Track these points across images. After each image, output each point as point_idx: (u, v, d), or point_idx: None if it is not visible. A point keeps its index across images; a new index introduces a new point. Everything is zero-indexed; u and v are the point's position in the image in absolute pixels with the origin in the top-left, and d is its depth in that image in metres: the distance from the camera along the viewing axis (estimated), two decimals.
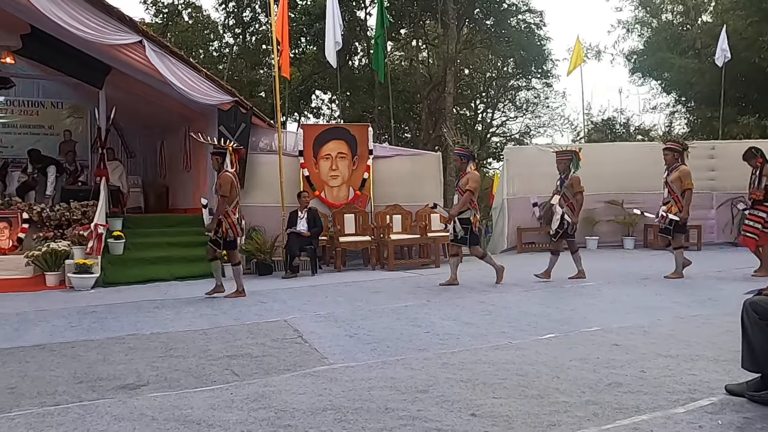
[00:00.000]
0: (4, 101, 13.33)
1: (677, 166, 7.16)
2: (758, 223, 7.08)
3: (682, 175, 7.05)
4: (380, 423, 2.71)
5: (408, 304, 5.89)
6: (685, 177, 7.04)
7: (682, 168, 7.11)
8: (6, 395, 3.21)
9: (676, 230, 7.11)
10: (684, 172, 7.07)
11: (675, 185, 7.11)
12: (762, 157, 7.22)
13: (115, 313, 5.75)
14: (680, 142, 7.61)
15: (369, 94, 21.96)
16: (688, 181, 7.03)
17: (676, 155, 7.21)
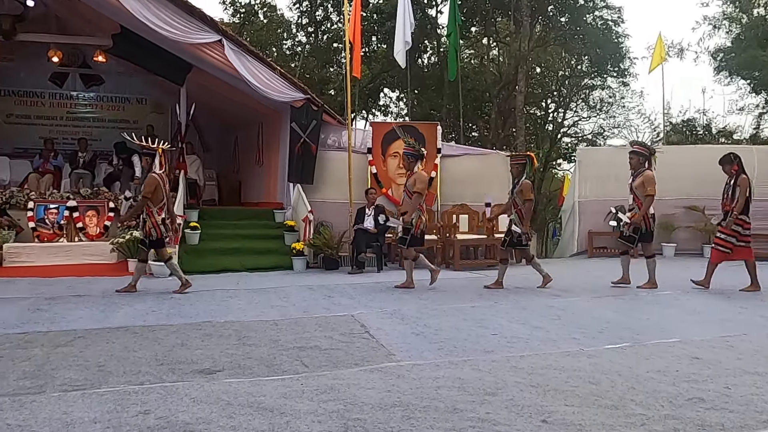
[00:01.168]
0: (95, 97, 14.23)
1: (642, 171, 6.82)
2: (732, 237, 6.62)
3: (646, 181, 6.72)
4: (449, 423, 2.70)
5: (475, 305, 5.83)
6: (648, 183, 6.70)
7: (646, 173, 6.78)
8: (96, 372, 3.43)
9: (643, 239, 6.83)
10: (648, 177, 6.74)
11: (639, 191, 6.77)
12: (739, 165, 6.73)
13: (192, 301, 6.02)
14: (647, 146, 7.21)
15: (437, 93, 21.85)
16: (651, 187, 6.68)
17: (641, 159, 6.89)
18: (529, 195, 6.88)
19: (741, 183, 6.61)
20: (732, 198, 6.67)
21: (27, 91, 13.75)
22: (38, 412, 2.78)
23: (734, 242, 6.65)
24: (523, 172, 6.98)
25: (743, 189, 6.59)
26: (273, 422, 2.68)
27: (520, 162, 7.09)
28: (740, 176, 6.66)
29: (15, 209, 9.42)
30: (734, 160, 6.74)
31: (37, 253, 8.79)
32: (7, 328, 4.62)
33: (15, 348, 3.98)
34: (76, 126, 14.01)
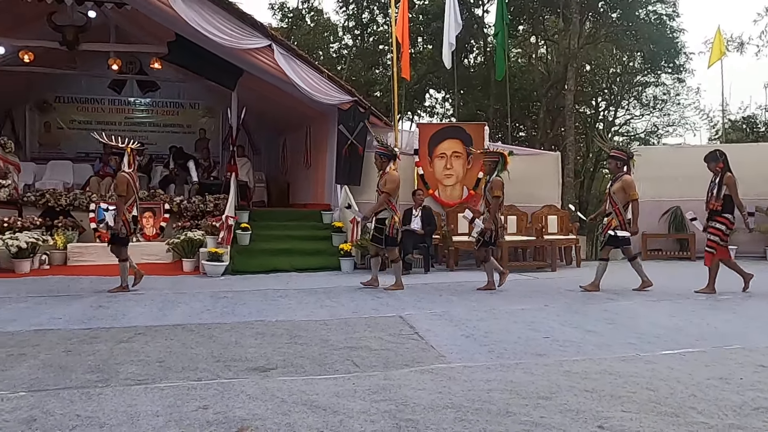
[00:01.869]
0: (150, 103, 14.79)
1: (621, 176, 6.75)
2: (716, 236, 6.52)
3: (626, 185, 6.66)
4: (502, 426, 2.68)
5: (524, 308, 5.75)
6: (628, 187, 6.65)
7: (625, 178, 6.71)
8: (156, 368, 3.57)
9: (622, 243, 6.77)
10: (627, 182, 6.68)
11: (617, 196, 6.72)
12: (724, 162, 6.56)
13: (244, 300, 6.17)
14: (625, 150, 7.06)
15: (484, 93, 21.64)
16: (632, 191, 6.64)
17: (619, 164, 6.82)
18: (498, 192, 6.83)
19: (727, 181, 6.47)
20: (717, 196, 6.52)
21: (88, 98, 14.43)
22: (105, 404, 2.91)
23: (718, 242, 6.54)
24: (495, 169, 6.94)
25: (732, 187, 6.45)
26: (327, 420, 2.72)
27: (492, 159, 7.04)
28: (725, 174, 6.51)
29: (78, 211, 9.90)
30: (720, 157, 6.60)
31: (98, 252, 9.19)
32: (73, 323, 4.86)
33: (81, 343, 4.18)
34: (133, 131, 14.55)
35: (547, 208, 10.48)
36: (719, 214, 6.53)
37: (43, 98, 14.03)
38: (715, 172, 6.62)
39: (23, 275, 8.05)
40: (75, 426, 2.62)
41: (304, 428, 2.62)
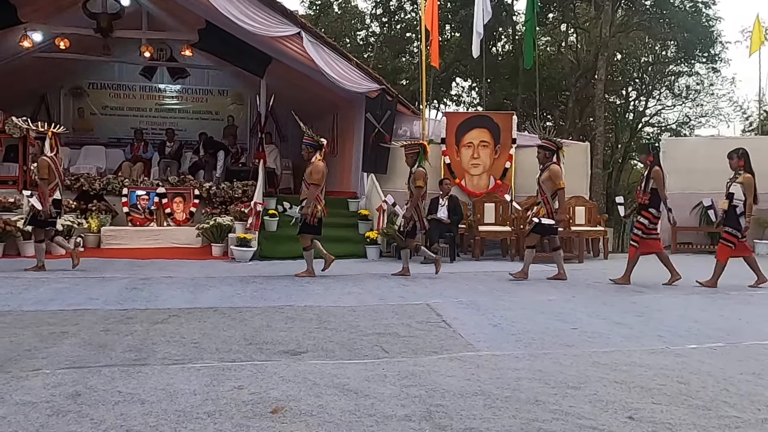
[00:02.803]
0: (180, 89, 14.99)
1: (548, 166, 6.83)
2: (639, 230, 6.60)
3: (553, 175, 6.74)
4: (531, 414, 2.70)
5: (551, 299, 5.74)
6: (555, 177, 6.73)
7: (552, 167, 6.79)
8: (191, 348, 3.67)
9: (549, 232, 6.92)
10: (554, 171, 6.76)
11: (546, 185, 6.82)
12: (654, 155, 6.60)
13: (272, 285, 6.27)
14: (555, 140, 7.10)
15: (511, 82, 21.43)
16: (559, 180, 6.72)
17: (548, 154, 6.90)
18: (420, 183, 6.87)
19: (654, 175, 6.46)
20: (644, 190, 6.53)
21: (120, 84, 14.71)
22: (144, 381, 3.01)
23: (641, 235, 6.57)
24: (417, 161, 6.99)
25: (658, 181, 6.45)
26: (358, 403, 2.78)
27: (413, 151, 7.07)
28: (653, 168, 6.49)
29: (111, 195, 10.14)
30: (651, 151, 6.65)
31: (130, 236, 9.43)
32: (110, 304, 5.01)
33: (118, 323, 4.32)
34: (164, 117, 14.83)
35: (575, 199, 10.36)
36: (646, 208, 6.53)
37: (77, 84, 14.34)
38: (645, 165, 6.65)
39: (59, 257, 8.28)
40: (117, 402, 2.73)
41: (336, 410, 2.68)
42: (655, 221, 6.57)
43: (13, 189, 9.07)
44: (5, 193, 8.88)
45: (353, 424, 2.54)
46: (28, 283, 5.97)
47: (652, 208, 6.50)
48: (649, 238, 6.59)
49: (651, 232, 6.57)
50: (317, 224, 6.87)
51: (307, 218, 6.77)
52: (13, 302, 4.98)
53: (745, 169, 6.44)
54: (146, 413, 2.60)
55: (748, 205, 6.37)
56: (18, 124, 8.49)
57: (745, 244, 6.60)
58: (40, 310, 4.71)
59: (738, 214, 6.42)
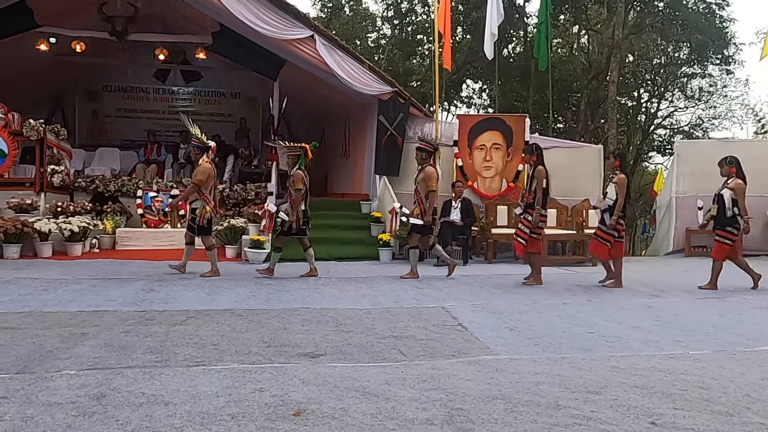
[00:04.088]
0: (193, 92, 15.09)
1: (424, 167, 6.94)
2: (527, 228, 6.74)
3: (427, 176, 6.86)
4: (552, 418, 2.70)
5: (567, 302, 5.72)
6: (429, 178, 6.84)
7: (427, 169, 6.90)
8: (211, 350, 3.70)
9: (420, 231, 7.00)
10: (428, 173, 6.87)
11: (420, 186, 6.95)
12: (538, 156, 6.71)
13: (287, 287, 6.30)
14: (431, 142, 7.22)
15: (522, 84, 21.38)
16: (432, 182, 6.83)
17: (425, 155, 7.01)
18: (299, 185, 6.96)
19: (537, 175, 6.62)
20: (529, 190, 6.72)
21: (134, 86, 14.82)
22: (167, 383, 3.05)
23: (528, 233, 6.71)
24: (297, 163, 7.10)
25: (539, 180, 6.58)
26: (379, 407, 2.79)
27: (294, 153, 7.17)
28: (537, 168, 6.64)
29: (125, 197, 10.21)
30: (535, 151, 6.76)
31: (144, 237, 9.50)
32: (128, 305, 5.06)
33: (138, 324, 4.36)
34: (177, 119, 14.84)
35: (588, 201, 10.33)
36: (532, 206, 6.70)
37: (92, 87, 14.47)
38: (530, 164, 6.77)
39: (75, 258, 8.38)
40: (142, 403, 2.76)
41: (358, 413, 2.70)
42: (542, 219, 6.72)
43: (29, 191, 9.16)
44: (22, 195, 8.98)
45: (375, 427, 2.56)
46: (47, 284, 6.03)
47: (539, 208, 6.66)
48: (537, 238, 6.77)
49: (538, 231, 6.74)
50: (206, 225, 7.03)
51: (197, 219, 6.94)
52: (33, 303, 5.05)
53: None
54: (170, 415, 2.62)
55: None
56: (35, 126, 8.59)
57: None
58: (60, 311, 4.77)
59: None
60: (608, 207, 6.66)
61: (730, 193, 6.58)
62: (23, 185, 9.33)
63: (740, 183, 6.59)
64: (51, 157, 9.54)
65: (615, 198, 6.59)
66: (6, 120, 9.13)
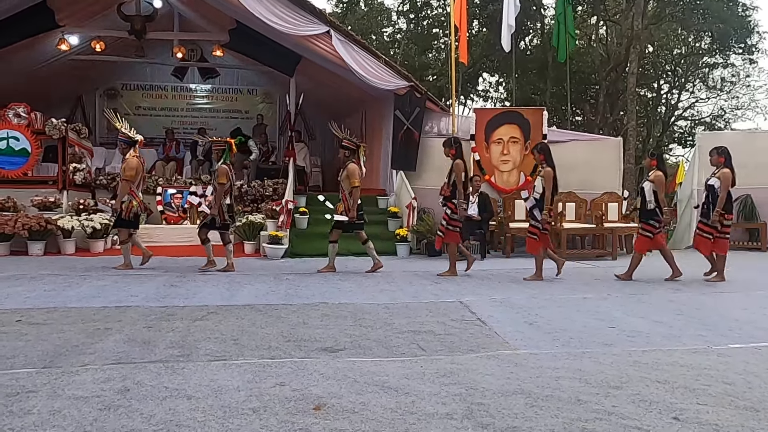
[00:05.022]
0: (210, 89, 15.21)
1: (347, 165, 7.10)
2: (444, 221, 6.91)
3: (350, 174, 7.01)
4: (574, 413, 2.69)
5: (587, 296, 5.68)
6: (352, 175, 7.00)
7: (350, 166, 7.06)
8: (232, 345, 3.74)
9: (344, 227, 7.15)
10: (351, 170, 7.03)
11: (344, 183, 7.08)
12: (457, 149, 6.83)
13: (306, 282, 6.34)
14: (353, 140, 7.41)
15: (540, 76, 21.19)
16: (354, 179, 6.98)
17: (347, 153, 7.17)
18: (222, 179, 6.97)
19: (455, 168, 6.78)
20: (447, 183, 6.87)
21: (152, 84, 14.99)
22: (189, 377, 3.09)
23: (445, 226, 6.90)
24: (221, 157, 7.13)
25: (458, 174, 6.74)
26: (399, 401, 2.80)
27: (219, 148, 7.27)
28: (455, 161, 6.80)
29: (146, 194, 10.30)
30: (453, 144, 6.87)
31: (165, 234, 9.62)
32: (150, 301, 5.13)
33: (159, 320, 4.42)
34: (195, 116, 15.08)
35: (607, 195, 10.23)
36: (449, 199, 6.85)
37: (112, 86, 14.67)
38: (452, 157, 6.87)
39: (97, 254, 8.52)
40: (165, 397, 2.80)
41: (378, 408, 2.71)
42: (456, 211, 6.84)
43: (53, 189, 9.32)
44: (46, 193, 9.14)
45: (395, 421, 2.56)
46: (70, 281, 6.15)
47: (455, 200, 6.77)
48: (453, 230, 6.91)
49: (455, 223, 6.88)
50: (133, 219, 7.11)
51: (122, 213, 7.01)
52: (58, 299, 5.14)
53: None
54: (193, 408, 2.66)
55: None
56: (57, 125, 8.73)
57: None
58: (84, 306, 4.85)
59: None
60: (536, 201, 6.76)
61: (651, 185, 6.69)
62: (46, 183, 9.50)
63: (459, 163, 6.71)
64: (73, 155, 9.69)
65: (542, 191, 6.69)
66: (29, 119, 9.30)
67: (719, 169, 6.73)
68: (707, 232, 6.72)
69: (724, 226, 6.66)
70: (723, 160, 6.75)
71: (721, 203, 6.60)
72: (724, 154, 6.80)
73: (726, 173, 6.65)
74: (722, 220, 6.64)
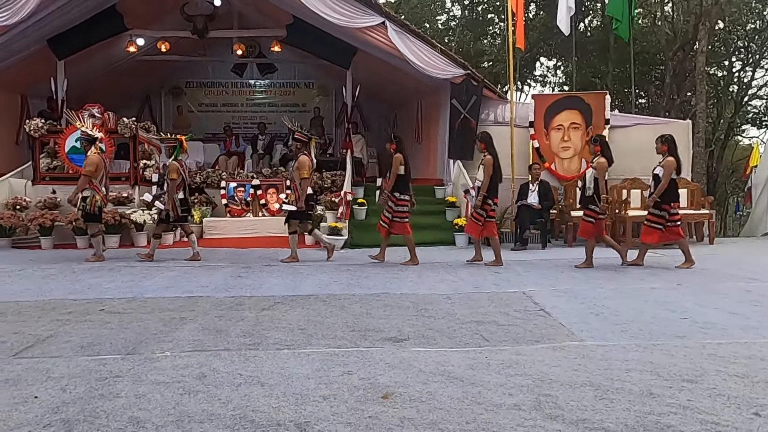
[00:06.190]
0: (269, 84, 15.54)
1: (298, 156, 7.34)
2: (389, 213, 7.08)
3: (300, 165, 7.21)
4: (646, 407, 2.63)
5: (655, 287, 5.50)
6: (302, 167, 7.19)
7: (300, 158, 7.27)
8: (299, 334, 3.86)
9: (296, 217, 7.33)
10: (301, 162, 7.22)
11: (294, 174, 7.30)
12: (397, 143, 7.13)
13: (366, 273, 6.43)
14: (305, 133, 7.68)
15: (600, 59, 20.45)
16: (304, 170, 7.17)
17: (299, 145, 7.42)
18: (173, 175, 7.31)
19: (394, 162, 6.99)
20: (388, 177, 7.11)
21: (214, 82, 15.47)
22: (261, 365, 3.21)
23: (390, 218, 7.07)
24: (172, 154, 7.51)
25: (395, 167, 6.96)
26: (466, 391, 2.82)
27: (170, 145, 7.60)
28: (395, 155, 6.99)
29: (210, 188, 10.72)
30: (393, 139, 7.13)
31: (229, 226, 9.95)
32: (219, 291, 5.35)
33: (229, 309, 4.60)
34: (254, 111, 15.46)
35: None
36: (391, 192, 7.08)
37: (176, 84, 15.24)
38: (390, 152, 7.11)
39: (168, 247, 8.91)
40: (240, 383, 2.93)
41: (445, 397, 2.74)
42: (401, 203, 7.02)
43: (125, 185, 9.80)
44: (119, 189, 9.62)
45: (463, 411, 2.59)
46: (145, 272, 6.48)
47: (396, 192, 7.00)
48: (400, 221, 7.08)
49: (399, 215, 7.07)
50: (98, 212, 7.41)
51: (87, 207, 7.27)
52: (135, 290, 5.44)
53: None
54: (267, 395, 2.77)
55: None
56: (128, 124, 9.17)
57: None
58: (159, 297, 5.11)
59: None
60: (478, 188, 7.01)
61: (593, 172, 6.78)
62: (119, 180, 9.99)
63: (672, 161, 6.61)
64: (143, 152, 10.15)
65: (482, 178, 6.94)
66: (102, 119, 9.79)
67: (664, 159, 6.71)
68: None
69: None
70: (666, 148, 6.77)
71: (661, 191, 6.61)
72: (668, 142, 6.82)
73: (671, 161, 6.63)
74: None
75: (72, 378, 3.00)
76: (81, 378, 3.00)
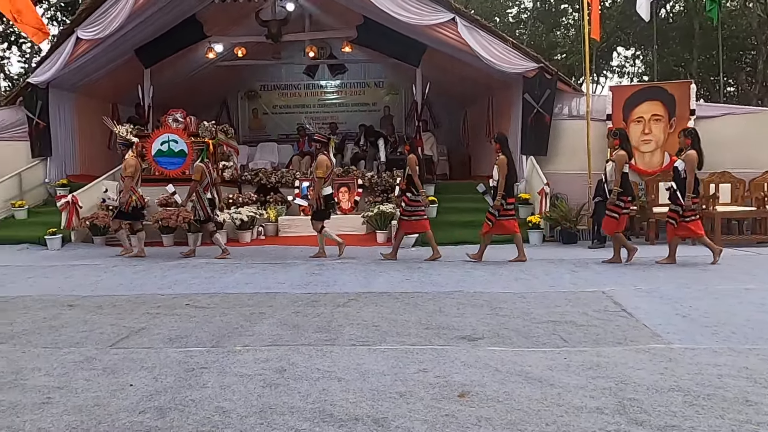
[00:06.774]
0: (339, 84, 15.80)
1: (317, 156, 7.67)
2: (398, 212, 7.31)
3: (318, 165, 7.51)
4: (742, 415, 2.47)
5: (749, 287, 5.15)
6: (318, 166, 7.48)
7: (319, 158, 7.57)
8: (373, 331, 3.91)
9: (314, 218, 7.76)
10: (319, 161, 7.53)
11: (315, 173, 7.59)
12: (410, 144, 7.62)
13: (438, 271, 6.41)
14: (324, 135, 8.07)
15: (684, 46, 19.35)
16: (319, 170, 7.46)
17: (318, 146, 7.82)
18: (197, 176, 7.70)
19: (409, 163, 7.25)
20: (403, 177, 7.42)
21: (287, 84, 15.93)
22: (337, 360, 3.28)
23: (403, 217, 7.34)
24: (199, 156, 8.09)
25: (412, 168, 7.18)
26: (544, 392, 2.76)
27: (198, 147, 8.22)
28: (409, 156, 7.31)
29: (285, 187, 11.04)
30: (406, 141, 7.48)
31: (303, 224, 10.17)
32: (296, 288, 5.50)
33: (306, 305, 4.72)
34: (326, 112, 15.78)
35: None
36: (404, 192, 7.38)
37: (251, 88, 15.82)
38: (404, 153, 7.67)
39: (245, 245, 9.26)
40: (318, 378, 3.00)
41: (523, 398, 2.69)
42: (412, 204, 7.25)
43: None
44: None
45: (542, 412, 2.53)
46: (225, 268, 6.76)
47: (408, 192, 7.25)
48: (412, 219, 7.32)
49: (412, 214, 7.30)
50: (131, 212, 7.86)
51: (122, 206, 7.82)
52: (217, 285, 5.69)
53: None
54: (344, 390, 2.83)
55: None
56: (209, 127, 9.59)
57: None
58: (239, 292, 5.32)
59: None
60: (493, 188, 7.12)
61: (613, 165, 6.79)
62: None
63: (622, 155, 6.66)
64: (222, 154, 10.59)
65: (498, 179, 7.05)
66: (185, 123, 10.31)
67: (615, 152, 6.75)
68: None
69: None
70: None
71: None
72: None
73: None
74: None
75: (162, 368, 3.18)
76: (170, 368, 3.17)
